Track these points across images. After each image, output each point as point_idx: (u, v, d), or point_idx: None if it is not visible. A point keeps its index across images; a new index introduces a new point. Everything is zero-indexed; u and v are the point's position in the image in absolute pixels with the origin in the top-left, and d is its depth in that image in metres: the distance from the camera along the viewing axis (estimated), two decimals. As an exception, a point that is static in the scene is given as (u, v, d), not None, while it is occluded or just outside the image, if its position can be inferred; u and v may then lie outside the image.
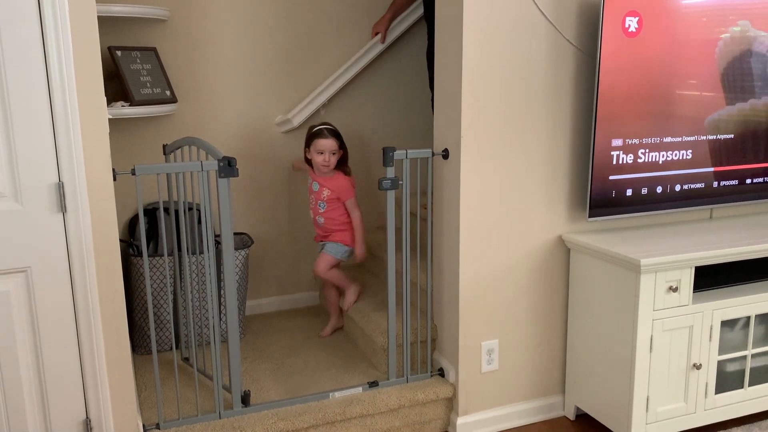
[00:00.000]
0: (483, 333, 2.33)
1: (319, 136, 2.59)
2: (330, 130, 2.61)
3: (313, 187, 2.66)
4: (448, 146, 2.27)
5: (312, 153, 2.61)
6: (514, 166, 2.27)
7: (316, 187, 2.65)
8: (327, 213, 2.66)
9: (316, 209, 2.68)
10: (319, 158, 2.59)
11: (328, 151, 2.58)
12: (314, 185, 2.65)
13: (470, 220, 2.24)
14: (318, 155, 2.59)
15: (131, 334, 2.62)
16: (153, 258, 2.61)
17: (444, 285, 2.39)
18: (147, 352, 2.66)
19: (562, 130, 2.30)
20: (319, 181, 2.64)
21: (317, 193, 2.65)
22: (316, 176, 2.65)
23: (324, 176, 2.64)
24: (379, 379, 2.42)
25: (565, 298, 2.43)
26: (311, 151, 2.61)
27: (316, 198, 2.66)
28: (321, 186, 2.64)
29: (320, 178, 2.64)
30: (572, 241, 2.34)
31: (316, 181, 2.64)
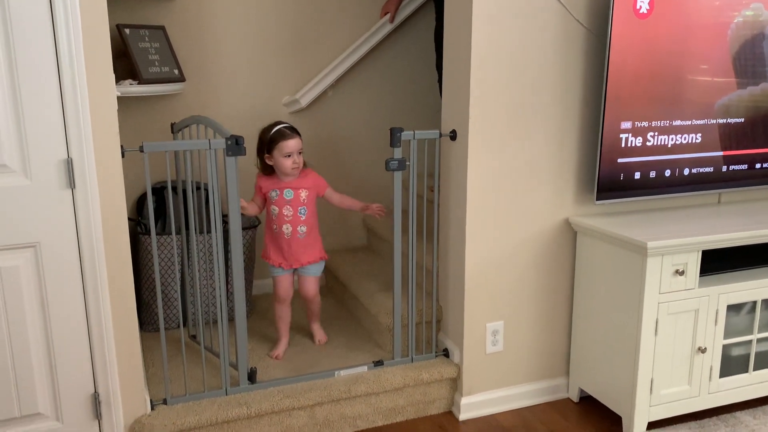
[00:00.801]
0: (488, 314, 2.34)
1: (283, 137, 2.30)
2: (290, 128, 2.34)
3: (285, 195, 2.34)
4: (455, 127, 2.26)
5: (276, 158, 2.31)
6: (522, 147, 2.26)
7: (290, 195, 2.35)
8: (309, 218, 2.38)
9: (296, 220, 2.36)
10: (288, 161, 2.30)
11: (296, 151, 2.31)
12: (287, 193, 2.35)
13: (477, 201, 2.24)
14: (285, 159, 2.30)
15: (139, 311, 2.64)
16: (161, 236, 2.62)
17: (450, 266, 2.39)
18: (154, 330, 2.68)
19: (570, 112, 2.29)
20: (292, 186, 2.35)
21: (294, 200, 2.35)
22: (284, 183, 2.35)
23: (295, 179, 2.36)
24: (384, 358, 2.44)
25: (571, 280, 2.43)
26: (274, 157, 2.31)
27: (295, 205, 2.35)
28: (297, 189, 2.35)
29: (292, 183, 2.35)
30: (579, 224, 2.33)
31: (288, 188, 2.34)
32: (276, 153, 2.31)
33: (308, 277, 2.47)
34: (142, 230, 2.70)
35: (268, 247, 2.44)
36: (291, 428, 2.20)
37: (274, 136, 2.32)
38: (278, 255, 2.42)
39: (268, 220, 2.42)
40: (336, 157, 3.11)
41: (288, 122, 2.39)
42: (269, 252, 2.44)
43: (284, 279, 2.44)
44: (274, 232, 2.40)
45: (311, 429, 2.22)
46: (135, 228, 2.71)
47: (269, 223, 2.41)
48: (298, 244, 2.40)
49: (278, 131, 2.32)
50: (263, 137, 2.35)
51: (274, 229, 2.39)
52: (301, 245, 2.40)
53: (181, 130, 2.42)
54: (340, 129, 3.17)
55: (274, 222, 2.39)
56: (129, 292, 1.98)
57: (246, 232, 2.76)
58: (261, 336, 2.67)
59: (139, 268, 2.66)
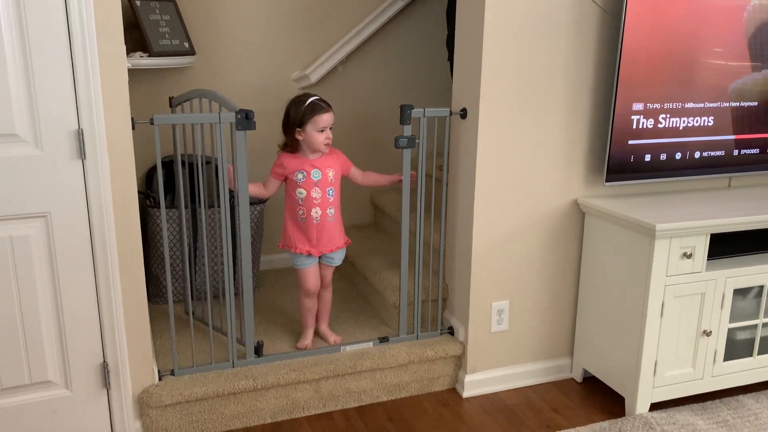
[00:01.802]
0: (494, 293, 2.35)
1: (318, 110, 2.17)
2: (324, 101, 2.21)
3: (313, 176, 2.20)
4: (466, 106, 2.25)
5: (309, 133, 2.17)
6: (532, 127, 2.25)
7: (318, 175, 2.20)
8: (336, 199, 2.26)
9: (325, 202, 2.22)
10: (322, 136, 2.17)
11: (330, 125, 2.19)
12: (315, 173, 2.20)
13: (486, 180, 2.24)
14: (319, 134, 2.17)
15: (148, 284, 2.66)
16: (170, 210, 2.63)
17: (457, 245, 2.39)
18: (163, 302, 2.70)
19: (582, 92, 2.27)
20: (320, 165, 2.21)
21: (322, 180, 2.21)
22: (311, 162, 2.21)
23: (321, 157, 2.23)
24: (390, 335, 2.45)
25: (578, 261, 2.43)
26: (307, 131, 2.17)
27: (324, 186, 2.21)
28: (324, 169, 2.22)
29: (319, 162, 2.21)
30: (587, 205, 2.33)
31: (316, 168, 2.20)
32: (309, 127, 2.16)
33: (330, 266, 2.34)
34: (151, 203, 2.71)
35: (291, 235, 2.26)
36: (296, 401, 2.22)
37: (309, 108, 2.17)
38: (305, 243, 2.25)
39: (290, 206, 2.24)
40: (344, 135, 3.10)
41: (317, 94, 2.25)
42: (294, 240, 2.26)
43: (313, 271, 2.30)
44: (299, 218, 2.23)
45: (316, 402, 2.25)
46: (144, 201, 2.72)
47: (292, 209, 2.24)
48: (329, 228, 2.26)
49: (313, 104, 2.18)
50: (294, 110, 2.19)
51: (300, 214, 2.22)
52: (330, 229, 2.26)
53: (181, 104, 2.40)
54: (350, 106, 3.16)
55: (301, 206, 2.22)
56: (138, 265, 1.99)
57: (255, 207, 2.77)
58: (268, 311, 2.69)
59: (149, 242, 2.67)
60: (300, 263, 2.31)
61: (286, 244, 2.30)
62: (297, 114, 2.19)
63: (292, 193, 2.24)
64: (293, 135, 2.20)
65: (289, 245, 2.29)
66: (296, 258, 2.31)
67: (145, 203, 2.70)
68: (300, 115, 2.18)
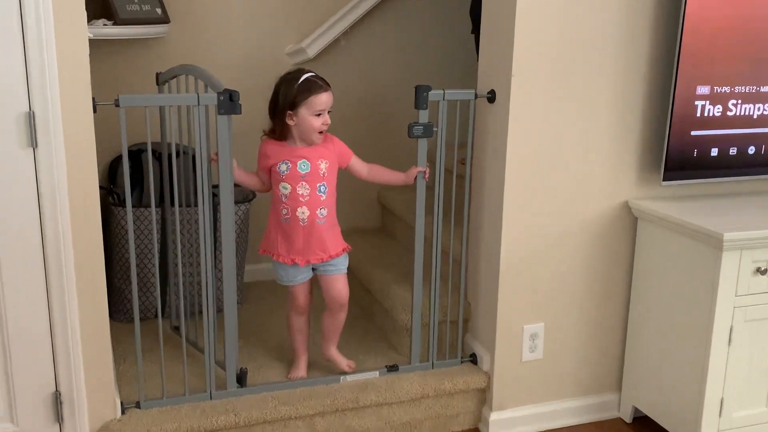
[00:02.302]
0: (526, 314, 2.34)
1: (315, 89, 2.14)
2: (320, 78, 2.19)
3: (299, 168, 2.17)
4: (494, 87, 2.24)
5: (302, 117, 2.14)
6: (574, 114, 2.24)
7: (305, 168, 2.17)
8: (329, 198, 2.22)
9: (314, 200, 2.18)
10: (318, 121, 2.15)
11: (328, 108, 2.17)
12: (302, 165, 2.17)
13: (517, 178, 2.23)
14: (314, 118, 2.15)
15: (110, 297, 2.64)
16: (137, 209, 2.63)
17: (482, 255, 2.38)
18: (128, 320, 2.70)
19: (635, 73, 2.26)
20: (309, 156, 2.17)
21: (311, 174, 2.17)
22: (298, 151, 2.18)
23: (315, 146, 2.20)
24: (400, 363, 2.44)
25: (628, 276, 2.42)
26: (300, 114, 2.14)
27: (313, 181, 2.18)
28: (315, 160, 2.18)
29: (307, 151, 2.18)
30: (641, 209, 2.31)
31: (304, 159, 2.17)
32: (303, 110, 2.14)
33: (335, 275, 2.28)
34: (115, 201, 2.70)
35: (273, 239, 2.25)
36: (286, 441, 2.21)
37: (303, 87, 2.14)
38: (289, 249, 2.23)
39: (274, 203, 2.24)
40: (347, 122, 3.09)
41: (312, 70, 2.22)
42: (276, 245, 2.25)
43: (303, 286, 2.29)
44: (282, 219, 2.21)
45: (310, 443, 2.24)
46: (106, 198, 2.72)
47: (276, 208, 2.23)
48: (319, 233, 2.21)
49: (308, 81, 2.15)
50: (284, 89, 2.16)
51: (284, 214, 2.20)
52: (321, 234, 2.22)
53: (168, 82, 2.40)
54: (354, 86, 3.15)
55: (284, 205, 2.20)
56: (98, 275, 1.98)
57: (239, 207, 2.76)
58: (253, 331, 2.68)
59: (111, 247, 2.67)
60: (285, 276, 2.29)
61: (267, 248, 2.30)
62: (288, 93, 2.16)
63: (275, 189, 2.24)
64: (283, 119, 2.18)
65: (270, 251, 2.28)
66: (279, 269, 2.29)
67: (107, 200, 2.70)
68: (292, 95, 2.15)
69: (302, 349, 2.39)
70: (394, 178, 2.36)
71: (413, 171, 2.31)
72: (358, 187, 3.03)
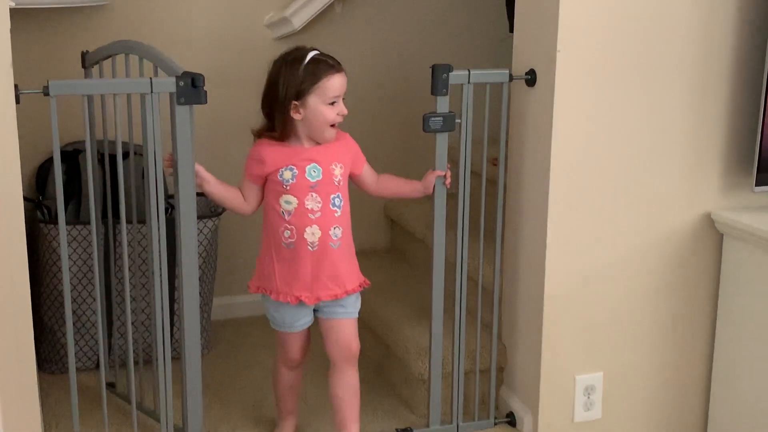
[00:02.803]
0: (579, 361, 2.34)
1: (326, 71, 2.15)
2: (331, 57, 2.20)
3: (308, 175, 2.17)
4: (534, 66, 2.24)
5: (313, 107, 2.14)
6: (638, 101, 2.24)
7: (316, 174, 2.17)
8: (344, 214, 2.23)
9: (328, 217, 2.18)
10: (332, 112, 2.16)
11: (342, 94, 2.19)
12: (312, 170, 2.17)
13: (566, 184, 2.23)
14: (329, 108, 2.16)
15: (38, 342, 2.64)
16: (73, 226, 2.62)
17: (521, 285, 2.38)
18: (61, 371, 2.68)
19: (718, 52, 2.26)
20: (319, 158, 2.18)
21: (324, 182, 2.18)
22: (309, 151, 2.18)
23: (327, 145, 2.21)
24: (415, 425, 2.44)
25: (712, 309, 2.42)
26: (309, 104, 2.14)
27: (326, 191, 2.18)
28: (329, 163, 2.19)
29: (321, 151, 2.19)
30: (728, 222, 2.31)
31: (314, 162, 2.17)
32: (313, 99, 2.13)
33: (344, 319, 2.25)
34: (45, 216, 2.70)
35: (270, 272, 2.22)
36: None
37: (311, 70, 2.14)
38: (294, 283, 2.19)
39: (271, 225, 2.21)
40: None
41: (315, 47, 2.21)
42: (274, 281, 2.21)
43: (302, 334, 2.28)
44: (284, 244, 2.19)
45: None
46: (34, 213, 2.71)
47: (273, 230, 2.20)
48: (332, 260, 2.20)
49: (316, 62, 2.15)
50: (285, 74, 2.15)
51: (287, 237, 2.18)
52: (334, 261, 2.20)
53: (99, 63, 2.39)
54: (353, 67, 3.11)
55: (287, 225, 2.17)
56: (23, 312, 1.97)
57: (204, 223, 2.76)
58: (223, 385, 2.67)
59: (41, 275, 2.66)
60: (282, 321, 2.26)
61: (262, 286, 2.25)
62: (291, 80, 2.14)
63: (274, 204, 2.20)
64: (286, 114, 2.16)
65: (267, 288, 2.24)
66: (275, 310, 2.26)
67: (35, 216, 2.69)
68: (297, 81, 2.14)
69: (290, 409, 2.39)
70: (409, 190, 2.36)
71: (431, 177, 2.29)
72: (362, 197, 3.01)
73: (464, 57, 3.18)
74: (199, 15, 2.97)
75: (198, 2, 2.97)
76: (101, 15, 2.86)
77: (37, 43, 2.80)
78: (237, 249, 3.11)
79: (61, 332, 2.67)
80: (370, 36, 3.16)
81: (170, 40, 2.90)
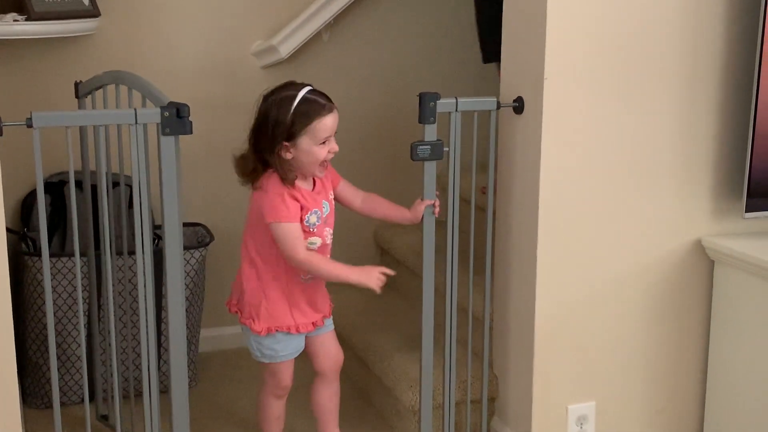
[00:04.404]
0: (571, 391, 2.34)
1: (319, 112, 2.16)
2: (321, 94, 2.22)
3: (324, 212, 2.27)
4: (522, 94, 2.25)
5: (304, 148, 2.16)
6: (626, 126, 2.25)
7: (326, 209, 2.28)
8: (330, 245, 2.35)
9: (330, 245, 2.33)
10: (325, 150, 2.19)
11: (333, 132, 2.22)
12: (325, 207, 2.28)
13: (555, 211, 2.24)
14: (320, 148, 2.18)
15: (22, 376, 2.62)
16: (58, 258, 2.61)
17: (511, 313, 2.38)
18: (46, 406, 2.67)
19: (705, 71, 2.28)
20: (326, 195, 2.28)
21: (330, 215, 2.30)
22: (316, 194, 2.26)
23: (322, 182, 2.29)
24: (406, 457, 2.42)
25: (705, 335, 2.42)
26: (300, 147, 2.16)
27: (331, 222, 2.31)
28: (328, 197, 2.30)
29: (321, 188, 2.28)
30: (718, 249, 2.32)
31: (325, 200, 2.28)
32: (305, 140, 2.16)
33: (329, 333, 2.39)
34: (29, 248, 2.69)
35: (283, 310, 2.26)
36: None
37: (303, 110, 2.15)
38: (308, 311, 2.29)
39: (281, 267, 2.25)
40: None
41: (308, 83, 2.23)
42: (291, 316, 2.26)
43: (292, 361, 2.33)
44: (302, 280, 2.27)
45: None
46: (18, 245, 2.71)
47: (284, 271, 2.25)
48: (320, 293, 2.35)
49: (307, 102, 2.16)
50: (275, 114, 2.16)
51: (305, 273, 2.26)
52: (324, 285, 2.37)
53: (92, 93, 2.40)
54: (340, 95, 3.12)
55: None
56: (7, 346, 1.96)
57: (191, 254, 2.75)
58: (211, 418, 2.66)
59: (24, 308, 2.65)
60: (286, 351, 2.28)
61: (274, 324, 2.25)
62: (281, 119, 2.16)
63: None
64: (276, 153, 2.18)
65: (283, 325, 2.25)
66: (281, 343, 2.26)
67: (19, 248, 2.69)
68: (288, 121, 2.15)
69: None
70: (396, 214, 2.37)
71: (420, 207, 2.29)
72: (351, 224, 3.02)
73: (451, 85, 3.19)
74: (187, 43, 2.98)
75: (185, 31, 2.98)
76: (89, 45, 2.86)
77: (24, 73, 2.80)
78: (225, 280, 3.09)
79: (46, 366, 2.65)
80: (357, 64, 3.17)
81: (158, 69, 2.90)
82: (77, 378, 2.68)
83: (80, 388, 2.68)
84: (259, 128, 2.19)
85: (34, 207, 2.81)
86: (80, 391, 2.68)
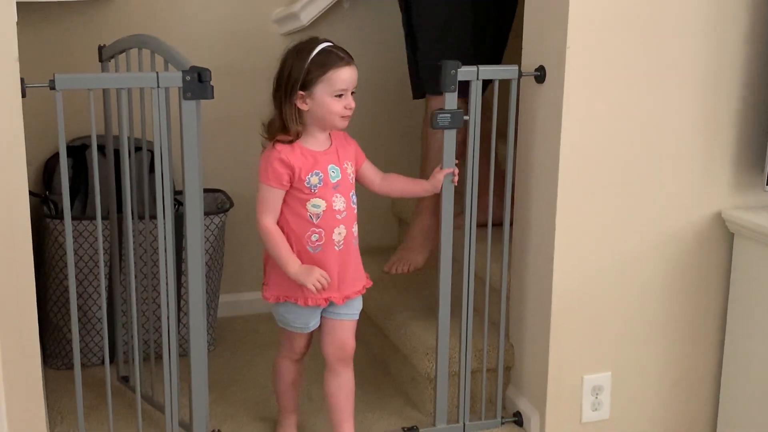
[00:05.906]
0: (587, 361, 2.34)
1: (335, 62, 2.14)
2: (341, 49, 2.19)
3: (330, 176, 2.18)
4: (543, 62, 2.24)
5: (320, 99, 2.14)
6: (648, 98, 2.24)
7: (336, 174, 2.19)
8: (354, 212, 2.25)
9: (350, 215, 2.21)
10: (340, 105, 2.15)
11: (351, 88, 2.18)
12: (332, 172, 2.19)
13: (574, 182, 2.23)
14: (336, 101, 2.15)
15: (43, 338, 2.65)
16: (80, 221, 2.62)
17: (529, 283, 2.38)
18: (67, 367, 2.69)
19: (728, 40, 2.26)
20: (334, 159, 2.20)
21: (342, 181, 2.20)
22: (326, 153, 2.20)
23: (334, 143, 2.23)
24: (421, 423, 2.44)
25: (722, 310, 2.41)
26: (316, 96, 2.14)
27: (346, 190, 2.21)
28: (342, 162, 2.22)
29: (333, 152, 2.21)
30: (739, 222, 2.31)
31: (332, 164, 2.20)
32: (320, 89, 2.13)
33: (347, 320, 2.27)
34: (51, 212, 2.70)
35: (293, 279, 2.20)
36: None
37: (320, 60, 2.13)
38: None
39: (292, 233, 2.19)
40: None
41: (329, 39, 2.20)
42: (300, 287, 2.18)
43: (307, 335, 2.30)
44: (311, 248, 2.19)
45: None
46: (40, 207, 2.72)
47: (295, 238, 2.19)
48: (355, 256, 2.25)
49: (325, 52, 2.14)
50: (293, 64, 2.14)
51: (314, 242, 2.18)
52: (357, 258, 2.26)
53: (115, 57, 2.41)
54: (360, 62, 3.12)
55: (315, 230, 2.18)
56: (28, 308, 1.97)
57: (212, 219, 2.76)
58: (230, 382, 2.68)
59: (46, 271, 2.67)
60: (298, 322, 2.24)
61: (282, 293, 2.22)
62: (299, 68, 2.13)
63: (299, 210, 2.18)
64: (292, 104, 2.16)
65: (290, 295, 2.21)
66: (291, 313, 2.24)
67: (41, 211, 2.70)
68: (304, 69, 2.13)
69: (292, 406, 2.38)
70: (416, 188, 2.36)
71: (439, 175, 2.29)
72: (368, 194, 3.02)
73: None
74: (209, 10, 2.98)
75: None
76: (112, 9, 2.87)
77: (48, 36, 2.81)
78: (244, 246, 3.11)
79: (66, 328, 2.68)
80: (378, 33, 3.16)
81: (179, 36, 2.90)
82: (97, 340, 2.71)
83: (100, 350, 2.71)
84: (279, 79, 2.18)
85: (56, 170, 2.83)
86: (100, 352, 2.71)
